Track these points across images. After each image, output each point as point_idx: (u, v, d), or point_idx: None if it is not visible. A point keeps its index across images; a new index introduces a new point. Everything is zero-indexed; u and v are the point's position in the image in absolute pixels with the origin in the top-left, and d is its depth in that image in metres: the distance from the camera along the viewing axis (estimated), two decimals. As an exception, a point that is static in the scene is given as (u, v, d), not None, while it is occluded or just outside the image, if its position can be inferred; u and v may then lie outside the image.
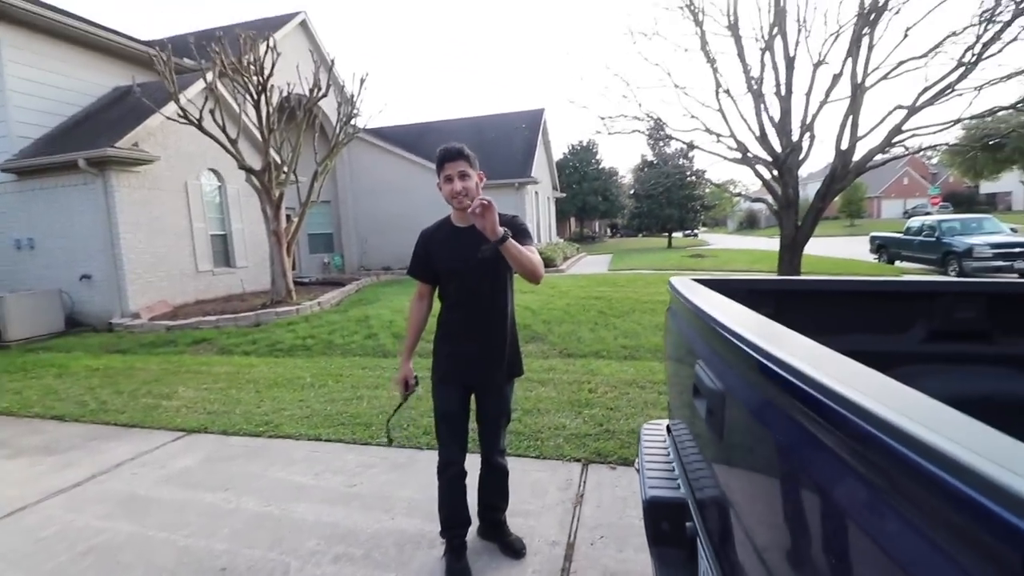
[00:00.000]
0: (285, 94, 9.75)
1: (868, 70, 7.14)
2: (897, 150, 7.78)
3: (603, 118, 8.00)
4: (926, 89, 6.98)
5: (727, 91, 7.94)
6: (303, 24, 14.62)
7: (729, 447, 1.16)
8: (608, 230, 53.75)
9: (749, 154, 8.02)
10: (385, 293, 10.43)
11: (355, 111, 10.39)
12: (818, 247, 23.28)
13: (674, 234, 30.72)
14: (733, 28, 7.38)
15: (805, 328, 1.96)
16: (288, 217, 10.03)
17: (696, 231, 46.64)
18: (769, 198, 8.50)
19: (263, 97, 8.49)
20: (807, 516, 0.72)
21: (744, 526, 0.98)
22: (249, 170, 8.50)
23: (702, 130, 8.25)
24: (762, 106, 7.80)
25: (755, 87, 7.56)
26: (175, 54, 9.19)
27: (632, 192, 31.82)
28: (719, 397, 1.20)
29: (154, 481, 3.04)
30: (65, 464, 3.32)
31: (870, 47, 7.12)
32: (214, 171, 10.51)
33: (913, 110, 7.02)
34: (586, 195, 35.74)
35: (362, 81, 10.19)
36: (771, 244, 22.88)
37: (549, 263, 15.02)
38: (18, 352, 7.01)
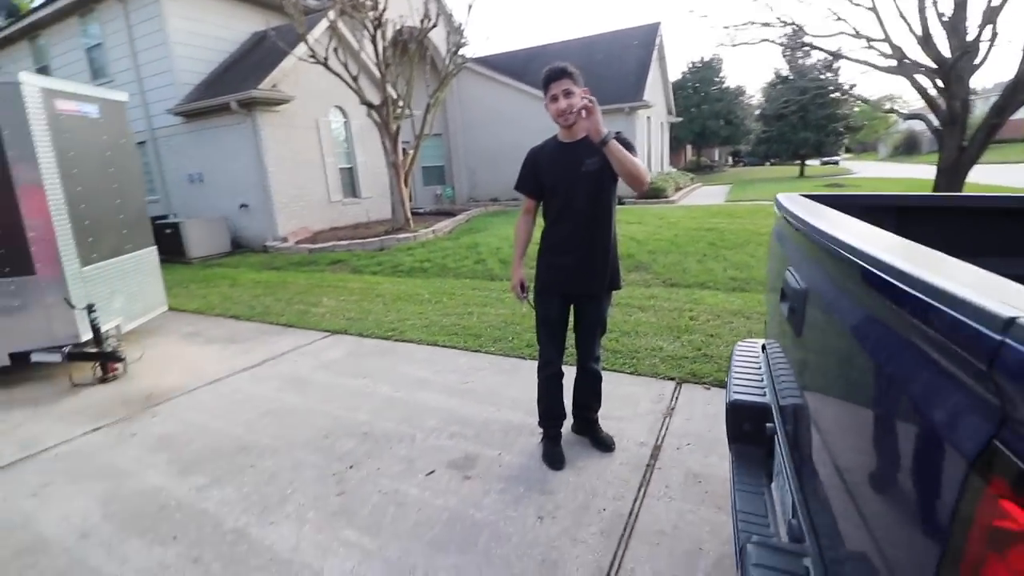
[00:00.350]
0: (398, 27, 10.04)
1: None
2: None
3: (727, 27, 7.23)
4: None
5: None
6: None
7: (805, 344, 1.24)
8: (730, 158, 49.22)
9: (907, 61, 6.84)
10: (492, 223, 10.83)
11: (463, 40, 10.43)
12: (990, 175, 19.47)
13: (809, 162, 27.22)
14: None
15: (933, 246, 1.85)
16: (404, 150, 10.63)
17: (837, 158, 40.95)
18: (932, 116, 7.27)
19: (379, 32, 8.83)
20: (873, 407, 0.78)
21: (817, 422, 1.06)
22: (369, 105, 9.07)
23: (850, 34, 7.13)
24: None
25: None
26: None
27: (759, 114, 28.42)
28: (801, 295, 1.26)
29: (310, 367, 3.73)
30: (245, 351, 4.17)
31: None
32: (339, 108, 11.32)
33: None
34: (706, 119, 32.76)
35: (469, 7, 10.09)
36: (932, 173, 19.51)
37: (658, 194, 14.37)
38: (199, 267, 8.54)
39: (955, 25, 6.58)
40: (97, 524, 2.12)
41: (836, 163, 37.98)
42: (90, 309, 3.71)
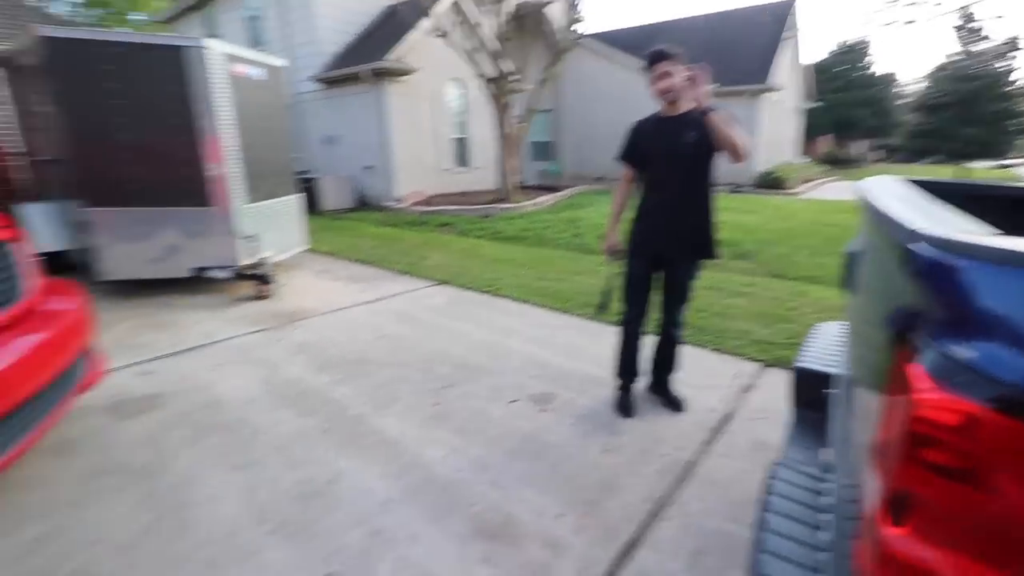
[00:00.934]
0: (517, 4, 10.28)
1: None
2: None
3: (875, 10, 6.54)
4: None
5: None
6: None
7: (856, 304, 1.36)
8: (875, 152, 43.71)
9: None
10: (595, 200, 10.90)
11: (578, 16, 10.43)
12: None
13: (978, 163, 23.22)
14: None
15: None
16: (514, 123, 10.98)
17: (1008, 163, 34.82)
18: None
19: (500, 7, 9.13)
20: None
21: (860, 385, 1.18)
22: (484, 78, 9.48)
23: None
24: None
25: None
26: None
27: (915, 103, 24.89)
28: (855, 257, 1.38)
29: (417, 308, 4.24)
30: (364, 289, 4.80)
31: None
32: (457, 80, 11.90)
33: None
34: (849, 107, 29.42)
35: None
36: None
37: (779, 184, 13.44)
38: (329, 218, 9.63)
39: None
40: (258, 396, 2.73)
41: (1005, 166, 32.28)
42: (251, 239, 4.51)
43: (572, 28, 10.42)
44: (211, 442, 2.31)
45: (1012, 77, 15.75)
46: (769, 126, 15.50)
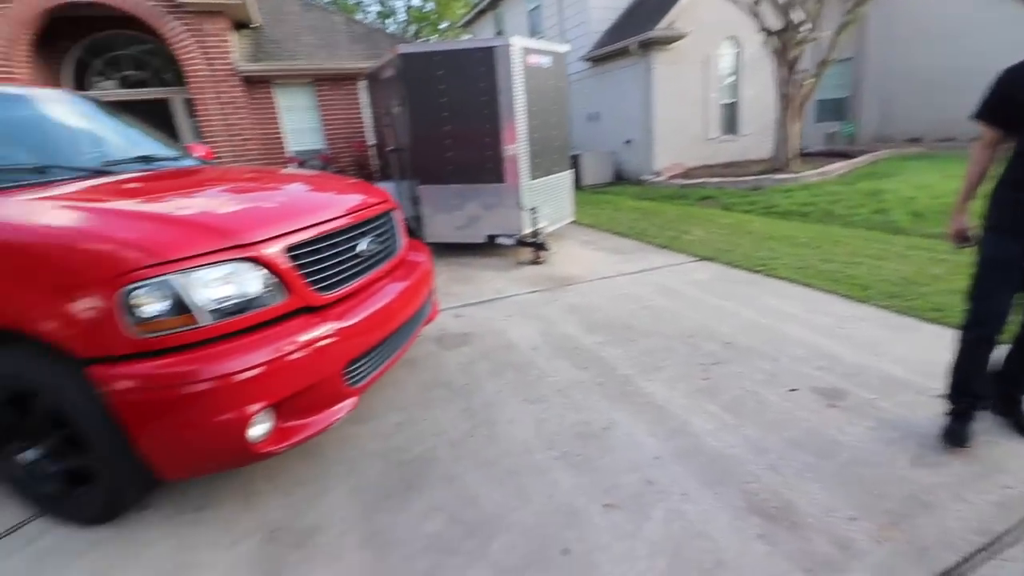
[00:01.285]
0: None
1: None
2: None
3: None
4: None
5: None
6: None
7: None
8: None
9: None
10: (908, 167, 8.76)
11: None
12: None
13: None
14: None
15: None
16: (801, 81, 9.50)
17: None
18: None
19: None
20: None
21: None
22: (768, 32, 8.40)
23: None
24: None
25: None
26: None
27: None
28: None
29: (680, 282, 4.21)
30: (626, 260, 4.98)
31: None
32: (732, 38, 10.85)
33: None
34: None
35: None
36: None
37: None
38: (589, 192, 10.14)
39: None
40: (540, 345, 3.18)
41: None
42: (532, 211, 5.13)
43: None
44: (508, 377, 2.81)
45: None
46: None
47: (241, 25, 8.57)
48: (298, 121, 9.22)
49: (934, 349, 2.67)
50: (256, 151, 8.30)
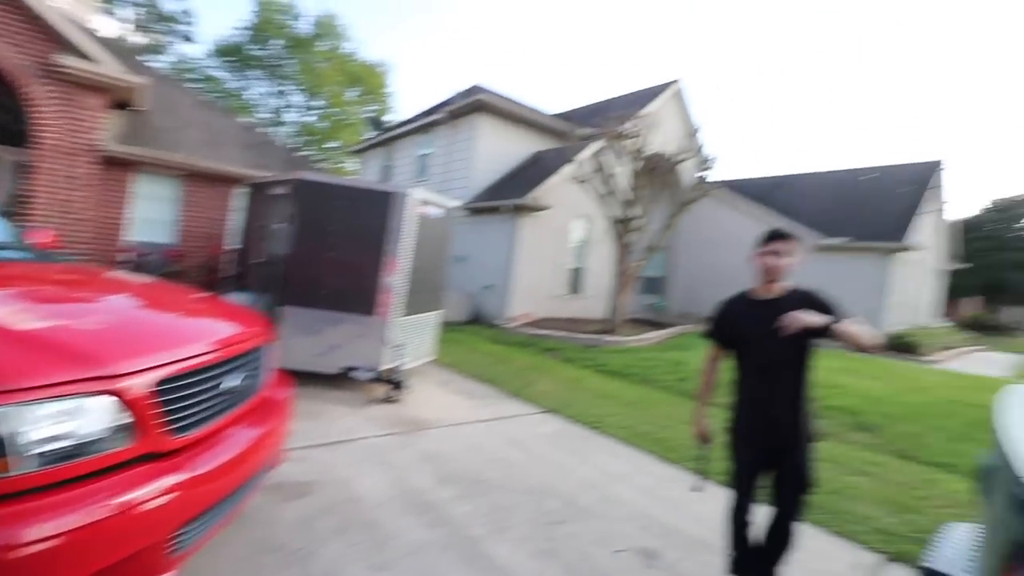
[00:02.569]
0: (650, 156, 11.41)
1: None
2: None
3: None
4: None
5: None
6: (676, 93, 16.43)
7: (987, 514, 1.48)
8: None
9: None
10: (700, 343, 10.78)
11: (707, 166, 11.28)
12: None
13: None
14: None
15: None
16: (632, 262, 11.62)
17: None
18: None
19: (633, 162, 10.24)
20: None
21: None
22: (612, 219, 10.38)
23: None
24: None
25: None
26: (578, 124, 12.03)
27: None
28: (988, 470, 1.52)
29: (527, 434, 4.54)
30: (481, 406, 5.24)
31: None
32: (584, 216, 13.09)
33: None
34: (1001, 269, 26.72)
35: (709, 160, 11.02)
36: None
37: (912, 349, 12.34)
38: (448, 330, 10.55)
39: None
40: (389, 498, 3.12)
41: None
42: (397, 347, 5.26)
43: (700, 180, 11.23)
44: (353, 537, 2.67)
45: None
46: (903, 286, 14.61)
47: (123, 105, 8.08)
48: (152, 211, 8.53)
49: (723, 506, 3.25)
50: (89, 234, 7.35)
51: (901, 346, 12.50)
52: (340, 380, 5.45)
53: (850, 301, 2.72)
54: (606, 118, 10.83)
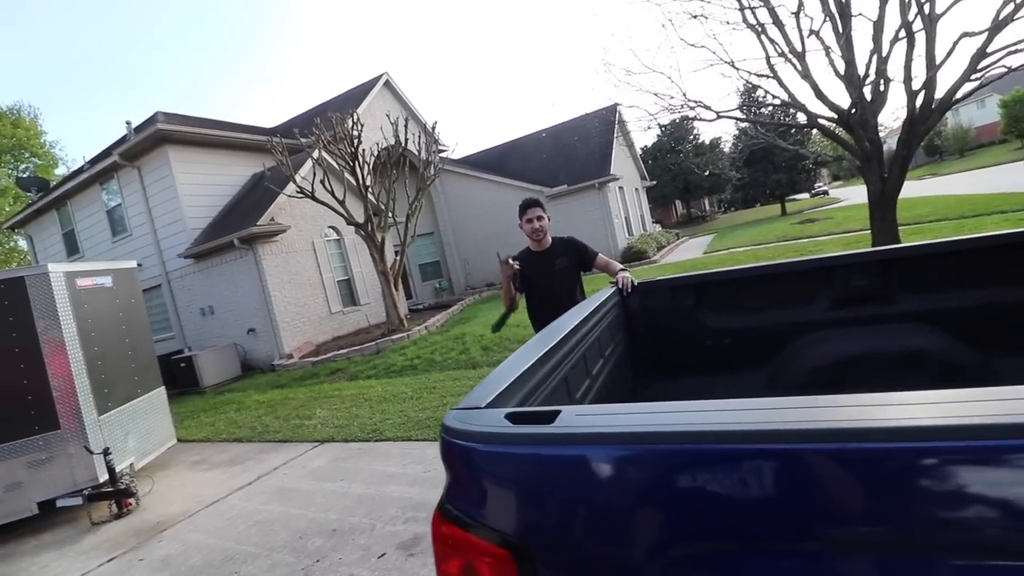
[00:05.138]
0: (376, 152, 11.34)
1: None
2: (999, 69, 6.81)
3: (653, 115, 8.19)
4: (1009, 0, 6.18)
5: (783, 54, 7.65)
6: (387, 84, 16.57)
7: None
8: (718, 206, 50.63)
9: (811, 113, 7.68)
10: (482, 310, 11.48)
11: (435, 152, 11.70)
12: (965, 183, 20.01)
13: (800, 196, 28.18)
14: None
15: (728, 311, 2.38)
16: (396, 253, 11.58)
17: (825, 188, 42.20)
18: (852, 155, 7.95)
19: (356, 163, 10.03)
20: None
21: None
22: (355, 224, 10.09)
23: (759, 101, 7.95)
24: (828, 60, 7.42)
25: (796, 49, 7.27)
26: (290, 136, 11.19)
27: (731, 163, 29.91)
28: None
29: (297, 477, 4.18)
30: (242, 471, 4.64)
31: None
32: (332, 227, 12.49)
33: (996, 27, 6.25)
34: (688, 174, 34.32)
35: (434, 127, 11.47)
36: (920, 188, 20.12)
37: (640, 256, 15.07)
38: (211, 395, 9.18)
39: (850, 78, 7.43)
40: (104, 639, 2.53)
41: (826, 193, 39.07)
42: (106, 453, 4.27)
43: (429, 166, 11.53)
44: None
45: (792, 130, 19.62)
46: (619, 209, 17.64)
47: None
48: None
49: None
50: None
51: (632, 255, 15.17)
52: (48, 517, 4.26)
53: (588, 234, 3.41)
54: (323, 122, 10.34)
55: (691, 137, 36.18)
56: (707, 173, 32.12)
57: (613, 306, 2.37)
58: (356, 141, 10.00)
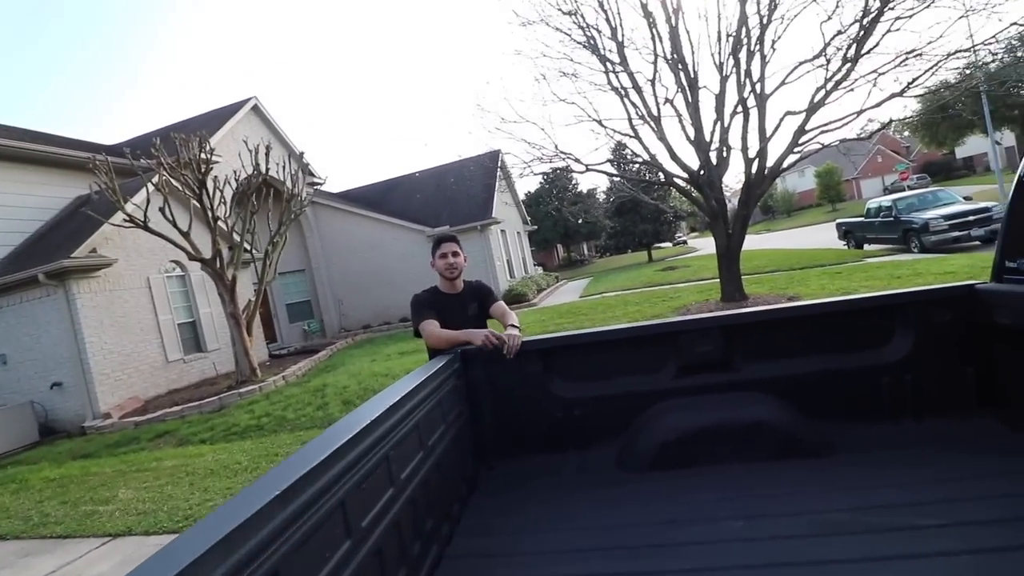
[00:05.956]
0: (236, 180, 10.21)
1: (765, 78, 7.50)
2: (814, 145, 7.98)
3: (527, 163, 8.38)
4: (820, 88, 7.32)
5: (642, 117, 8.28)
6: (255, 108, 15.32)
7: None
8: (595, 251, 54.29)
9: (666, 172, 8.38)
10: (352, 356, 10.64)
11: (305, 184, 10.85)
12: (791, 238, 23.45)
13: (663, 244, 31.04)
14: (624, 63, 7.79)
15: (576, 377, 2.16)
16: (241, 300, 10.33)
17: (684, 238, 47.32)
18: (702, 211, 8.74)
19: (204, 191, 8.90)
20: None
21: None
22: (200, 260, 8.85)
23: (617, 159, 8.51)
24: (680, 125, 8.15)
25: (653, 113, 7.93)
26: (137, 156, 9.58)
27: (604, 212, 32.40)
28: None
29: (62, 595, 3.18)
30: (-14, 588, 3.47)
31: (763, 58, 7.50)
32: (176, 262, 10.87)
33: (812, 108, 7.35)
34: (567, 221, 36.34)
35: (300, 156, 10.69)
36: (758, 241, 23.12)
37: (520, 299, 15.23)
38: (-12, 470, 7.18)
39: (699, 144, 8.24)
40: None
41: (684, 242, 43.74)
42: None
43: (296, 194, 10.59)
44: None
45: (655, 185, 21.73)
46: (501, 252, 17.89)
47: None
48: None
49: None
50: None
51: (513, 298, 15.30)
52: None
53: (471, 275, 3.00)
54: (165, 143, 9.05)
55: (570, 186, 38.67)
56: (580, 221, 34.37)
57: (450, 376, 2.06)
58: (205, 166, 8.89)
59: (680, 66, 7.67)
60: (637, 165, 12.02)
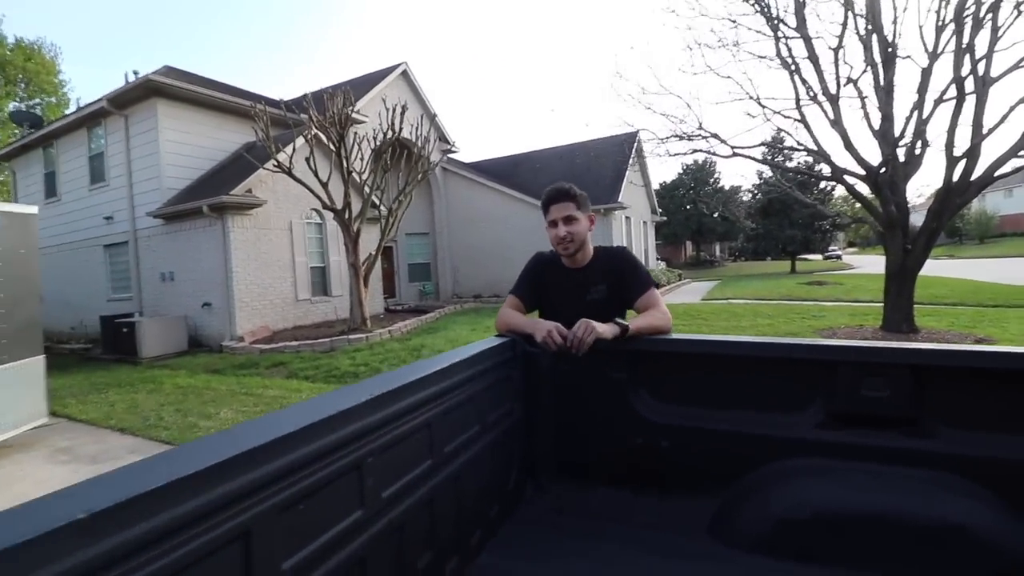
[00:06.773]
0: (373, 138, 10.67)
1: (992, 58, 5.81)
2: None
3: (662, 139, 7.49)
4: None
5: (814, 98, 6.96)
6: (404, 73, 16.02)
7: None
8: (728, 253, 49.92)
9: (837, 167, 6.94)
10: (456, 321, 10.72)
11: (436, 147, 11.02)
12: (983, 269, 19.21)
13: (812, 256, 27.51)
14: (802, 26, 6.50)
15: (672, 396, 1.58)
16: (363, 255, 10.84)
17: (839, 253, 41.54)
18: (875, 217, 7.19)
19: (343, 145, 9.36)
20: None
21: None
22: (332, 209, 9.39)
23: (778, 144, 7.27)
24: (863, 111, 6.72)
25: (831, 92, 6.56)
26: (293, 109, 10.43)
27: (747, 211, 29.25)
28: None
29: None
30: (94, 473, 3.85)
31: (995, 28, 5.81)
32: (315, 210, 11.77)
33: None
34: (702, 216, 33.68)
35: (433, 117, 10.79)
36: (937, 267, 19.33)
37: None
38: (144, 367, 8.40)
39: (885, 135, 6.72)
40: None
41: (839, 257, 38.31)
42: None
43: (425, 155, 10.83)
44: None
45: (815, 188, 18.99)
46: (622, 239, 16.92)
47: None
48: None
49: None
50: None
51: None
52: None
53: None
54: (328, 100, 9.69)
55: (712, 180, 35.67)
56: (715, 215, 31.46)
57: (505, 362, 1.61)
58: (346, 120, 9.33)
59: (876, 35, 6.22)
60: (797, 158, 10.36)
